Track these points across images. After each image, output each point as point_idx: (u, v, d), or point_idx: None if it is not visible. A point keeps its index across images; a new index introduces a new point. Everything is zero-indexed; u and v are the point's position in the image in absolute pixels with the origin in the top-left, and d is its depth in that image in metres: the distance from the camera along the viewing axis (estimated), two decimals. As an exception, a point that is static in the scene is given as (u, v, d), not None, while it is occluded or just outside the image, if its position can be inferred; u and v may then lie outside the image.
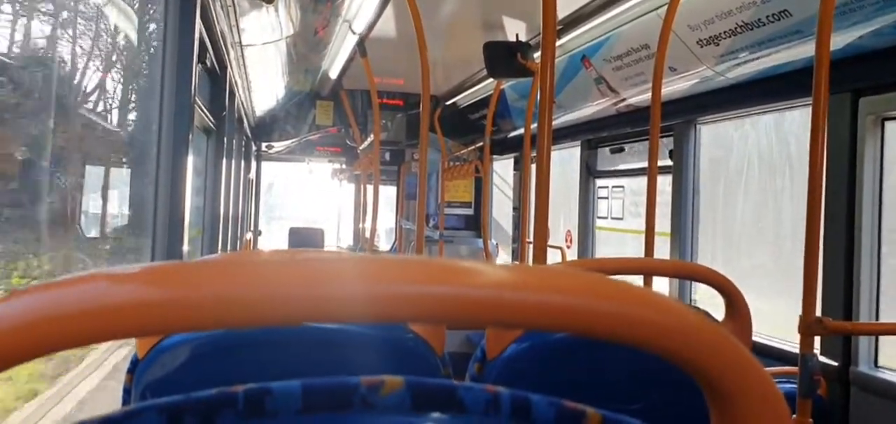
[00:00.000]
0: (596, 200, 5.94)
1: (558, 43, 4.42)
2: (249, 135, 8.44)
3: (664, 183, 4.46)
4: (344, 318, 0.37)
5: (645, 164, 2.98)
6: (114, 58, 3.08)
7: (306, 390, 0.46)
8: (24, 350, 0.34)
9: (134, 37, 3.01)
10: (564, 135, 5.83)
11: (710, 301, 3.49)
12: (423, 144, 3.22)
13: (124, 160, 3.20)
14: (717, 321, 1.52)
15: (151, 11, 2.86)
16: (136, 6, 3.02)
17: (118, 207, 3.24)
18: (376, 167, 5.15)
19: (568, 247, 6.51)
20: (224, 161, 4.87)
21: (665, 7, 2.90)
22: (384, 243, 10.39)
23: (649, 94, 2.91)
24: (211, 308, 0.36)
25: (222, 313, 0.36)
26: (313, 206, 17.07)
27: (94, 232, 3.08)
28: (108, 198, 3.14)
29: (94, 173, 3.06)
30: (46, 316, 0.35)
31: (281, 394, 0.46)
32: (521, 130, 5.77)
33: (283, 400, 0.46)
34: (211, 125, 4.55)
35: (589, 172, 5.91)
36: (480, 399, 0.48)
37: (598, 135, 5.65)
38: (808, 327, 1.96)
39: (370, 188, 5.33)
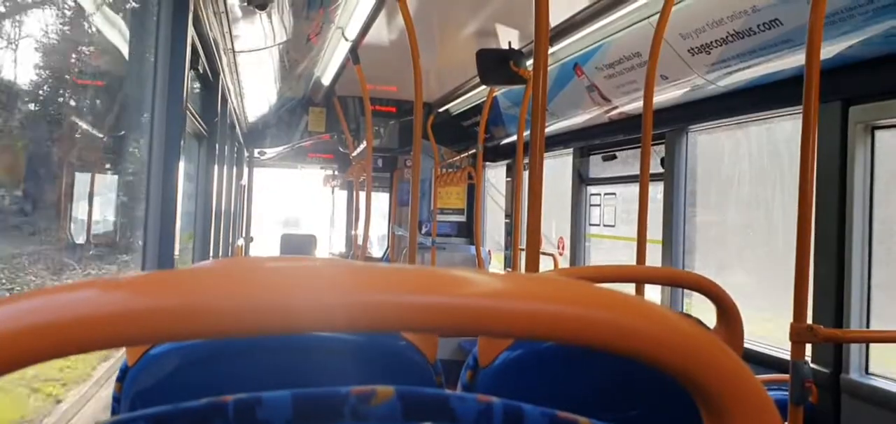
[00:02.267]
0: (588, 207, 5.94)
1: (551, 51, 4.43)
2: (242, 141, 8.42)
3: (656, 190, 4.47)
4: (336, 327, 0.37)
5: (636, 172, 2.99)
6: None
7: (296, 400, 0.46)
8: (12, 359, 0.34)
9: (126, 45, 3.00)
10: (557, 142, 5.84)
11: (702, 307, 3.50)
12: (416, 151, 3.22)
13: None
14: (709, 329, 1.52)
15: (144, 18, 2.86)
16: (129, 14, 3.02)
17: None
18: (369, 174, 5.15)
19: (560, 254, 6.52)
20: (216, 167, 4.85)
21: (657, 16, 2.91)
22: (377, 250, 10.38)
23: (641, 102, 2.92)
24: (202, 317, 0.36)
25: (213, 322, 0.36)
26: (306, 213, 17.08)
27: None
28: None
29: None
30: (35, 325, 0.34)
31: (271, 404, 0.46)
32: (514, 137, 5.78)
33: (274, 410, 0.46)
34: (203, 131, 4.54)
35: (581, 180, 5.92)
36: (472, 410, 0.48)
37: (590, 143, 5.66)
38: (799, 334, 1.97)
39: (362, 195, 5.33)
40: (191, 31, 2.88)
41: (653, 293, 4.48)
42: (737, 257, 4.48)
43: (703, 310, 2.97)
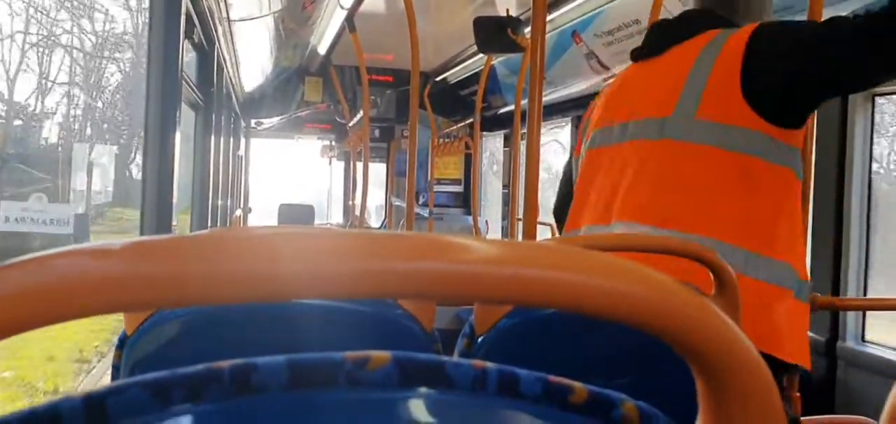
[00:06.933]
0: (586, 177, 5.93)
1: (549, 17, 4.40)
2: (238, 111, 8.39)
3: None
4: (329, 294, 0.37)
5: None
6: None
7: (292, 365, 0.46)
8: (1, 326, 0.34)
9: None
10: (555, 111, 5.82)
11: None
12: (413, 121, 3.21)
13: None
14: (705, 295, 1.53)
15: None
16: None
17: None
18: (366, 144, 5.14)
19: (558, 224, 6.51)
20: (212, 138, 4.84)
21: (656, -18, 2.89)
22: (374, 220, 10.38)
23: (639, 70, 2.90)
24: (194, 283, 0.36)
25: (206, 288, 0.36)
26: (304, 184, 17.07)
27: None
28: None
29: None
30: (23, 291, 0.34)
31: (266, 370, 0.46)
32: (512, 107, 5.75)
33: (269, 376, 0.46)
34: (199, 101, 4.52)
35: (579, 149, 5.90)
36: (468, 375, 0.48)
37: (589, 112, 5.63)
38: (795, 302, 1.97)
39: (360, 165, 5.32)
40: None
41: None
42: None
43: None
